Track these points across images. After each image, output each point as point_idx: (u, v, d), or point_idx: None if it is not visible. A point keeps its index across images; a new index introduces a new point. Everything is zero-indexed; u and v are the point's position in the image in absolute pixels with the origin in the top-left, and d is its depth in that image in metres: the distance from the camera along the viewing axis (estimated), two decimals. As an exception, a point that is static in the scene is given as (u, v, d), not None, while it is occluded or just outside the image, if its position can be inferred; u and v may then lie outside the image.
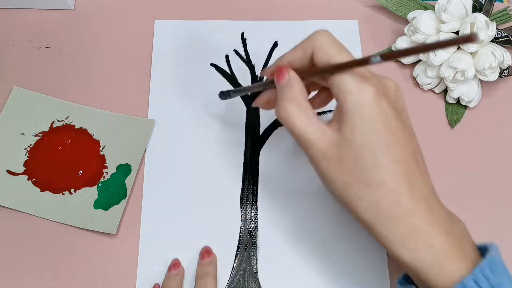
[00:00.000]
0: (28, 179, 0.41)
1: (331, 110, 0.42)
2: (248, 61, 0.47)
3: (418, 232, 0.27)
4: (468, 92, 0.43)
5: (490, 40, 0.42)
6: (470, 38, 0.22)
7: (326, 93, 0.34)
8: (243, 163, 0.42)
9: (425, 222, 0.27)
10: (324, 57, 0.29)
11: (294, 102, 0.29)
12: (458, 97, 0.44)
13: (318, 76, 0.30)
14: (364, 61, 0.26)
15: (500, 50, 0.41)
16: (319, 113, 0.44)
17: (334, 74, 0.28)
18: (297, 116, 0.29)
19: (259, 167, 0.42)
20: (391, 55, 0.26)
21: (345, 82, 0.27)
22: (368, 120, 0.27)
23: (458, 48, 0.43)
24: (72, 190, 0.40)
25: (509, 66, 0.43)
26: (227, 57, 0.47)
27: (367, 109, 0.27)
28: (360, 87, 0.27)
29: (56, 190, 0.40)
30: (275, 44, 0.47)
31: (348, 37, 0.48)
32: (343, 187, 0.28)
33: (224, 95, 0.40)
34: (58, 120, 0.43)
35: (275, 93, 0.32)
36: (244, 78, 0.46)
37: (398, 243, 0.27)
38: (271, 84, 0.33)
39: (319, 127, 0.29)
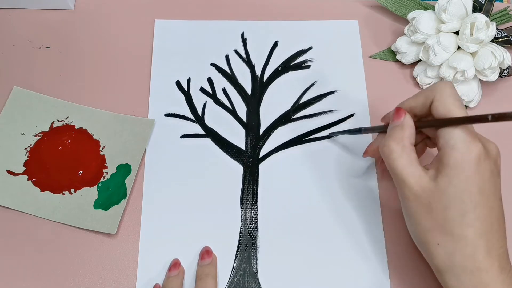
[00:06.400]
0: (28, 179, 0.41)
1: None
2: (248, 61, 0.47)
3: None
4: (468, 92, 0.43)
5: (490, 40, 0.42)
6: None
7: (424, 145, 0.37)
8: (243, 163, 0.42)
9: (495, 282, 0.29)
10: (443, 109, 0.30)
11: (400, 143, 0.31)
12: (458, 97, 0.44)
13: (432, 127, 0.32)
14: (479, 119, 0.28)
15: (500, 50, 0.41)
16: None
17: (446, 127, 0.30)
18: (400, 156, 0.31)
19: (259, 167, 0.42)
20: (502, 117, 0.27)
21: (454, 138, 0.29)
22: (466, 178, 0.29)
23: (458, 48, 0.43)
24: (72, 190, 0.40)
25: (509, 66, 0.43)
26: (227, 57, 0.47)
27: (468, 168, 0.29)
28: (467, 146, 0.29)
29: (56, 190, 0.40)
30: (275, 44, 0.47)
31: (348, 37, 0.48)
32: (426, 232, 0.30)
33: (335, 134, 0.43)
34: (58, 120, 0.43)
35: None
36: (245, 78, 0.46)
37: None
38: (385, 128, 0.35)
39: (418, 171, 0.30)
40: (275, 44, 0.47)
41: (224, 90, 0.45)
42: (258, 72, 0.46)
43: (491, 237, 0.29)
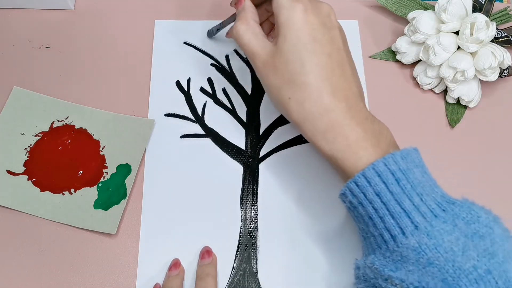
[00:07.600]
0: (28, 179, 0.41)
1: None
2: (248, 61, 0.47)
3: (336, 126, 0.32)
4: (468, 92, 0.43)
5: (490, 40, 0.42)
6: None
7: (269, 24, 0.42)
8: (243, 163, 0.42)
9: (343, 118, 0.32)
10: None
11: (244, 22, 0.35)
12: (458, 97, 0.44)
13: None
14: None
15: (500, 50, 0.41)
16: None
17: None
18: (245, 33, 0.35)
19: (259, 167, 0.42)
20: None
21: (281, 0, 0.33)
22: (296, 30, 0.32)
23: (458, 48, 0.43)
24: (72, 190, 0.40)
25: (509, 66, 0.43)
26: (227, 57, 0.47)
27: (296, 22, 0.32)
28: (292, 4, 0.33)
29: (56, 190, 0.40)
30: (275, 44, 0.47)
31: (348, 37, 0.47)
32: (277, 91, 0.33)
33: (210, 34, 0.47)
34: (58, 120, 0.43)
35: None
36: (245, 78, 0.46)
37: (320, 136, 0.32)
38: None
39: (263, 42, 0.35)
40: (275, 44, 0.47)
41: (224, 90, 0.45)
42: (258, 72, 0.46)
43: (335, 82, 0.32)
